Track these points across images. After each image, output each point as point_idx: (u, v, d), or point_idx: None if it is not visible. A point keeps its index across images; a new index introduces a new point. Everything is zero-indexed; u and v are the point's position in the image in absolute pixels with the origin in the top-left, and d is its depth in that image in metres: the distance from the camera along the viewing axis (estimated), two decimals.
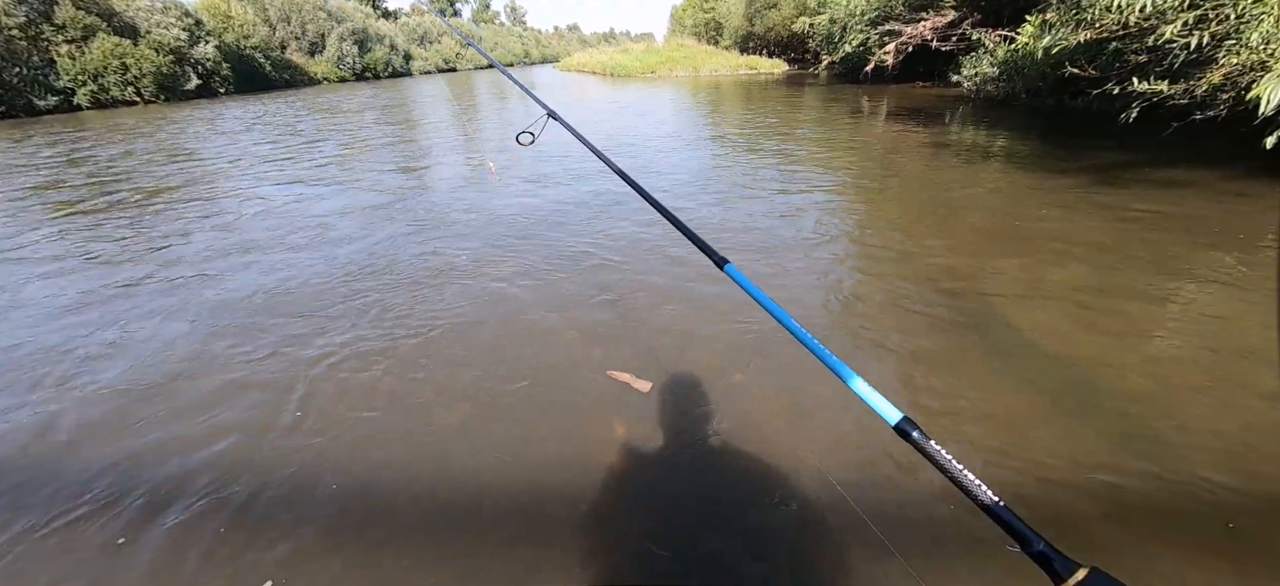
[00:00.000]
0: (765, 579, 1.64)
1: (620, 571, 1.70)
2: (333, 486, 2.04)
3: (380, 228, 5.05)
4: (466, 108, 17.15)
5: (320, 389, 2.63)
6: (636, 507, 1.91)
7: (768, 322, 3.02)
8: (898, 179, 6.02)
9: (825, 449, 2.10)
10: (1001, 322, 2.92)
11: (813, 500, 1.88)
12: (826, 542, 1.74)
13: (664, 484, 2.00)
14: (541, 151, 8.30)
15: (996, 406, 2.28)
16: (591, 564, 1.72)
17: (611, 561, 1.73)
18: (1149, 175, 5.34)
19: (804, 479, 1.97)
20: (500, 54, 62.79)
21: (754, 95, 16.66)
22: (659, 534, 1.79)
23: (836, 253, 4.03)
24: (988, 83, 12.07)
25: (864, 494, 1.88)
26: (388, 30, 45.44)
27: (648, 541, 1.76)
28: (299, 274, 4.03)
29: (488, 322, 3.20)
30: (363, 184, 6.99)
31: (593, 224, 4.85)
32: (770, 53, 32.69)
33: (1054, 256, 3.70)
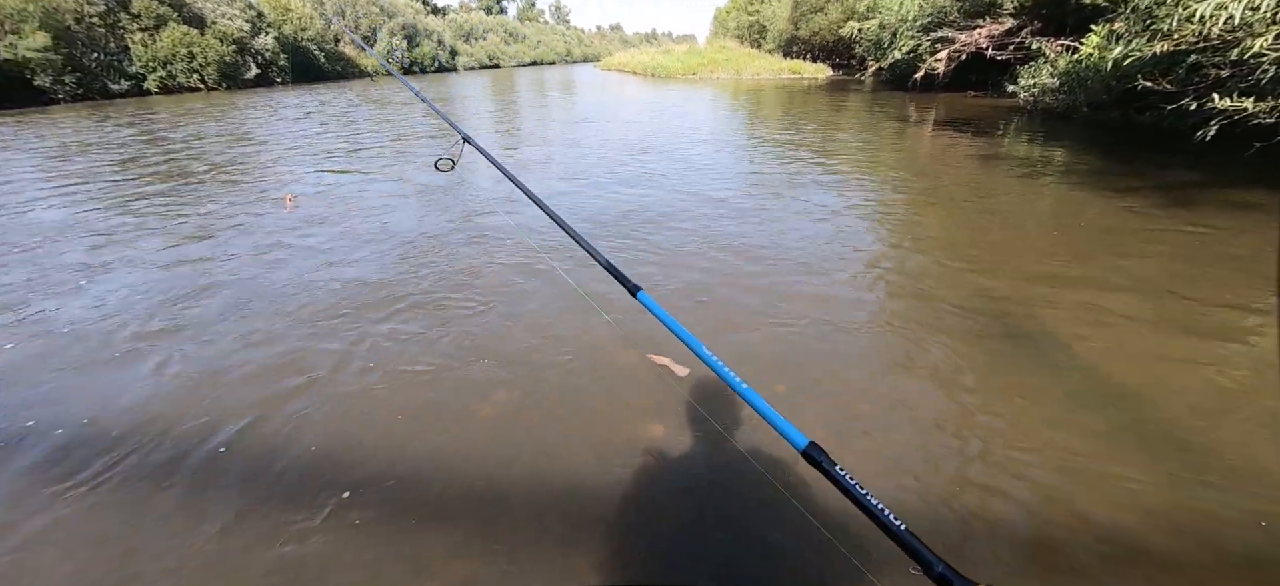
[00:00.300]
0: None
1: (651, 563, 1.66)
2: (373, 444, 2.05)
3: (428, 213, 5.31)
4: (506, 105, 17.39)
5: (374, 348, 2.66)
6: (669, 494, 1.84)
7: (810, 331, 2.90)
8: (944, 190, 5.76)
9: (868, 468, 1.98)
10: (1056, 350, 2.73)
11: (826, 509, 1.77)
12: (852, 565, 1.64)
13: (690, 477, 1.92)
14: (581, 145, 8.32)
15: (1049, 440, 2.12)
16: (622, 555, 1.68)
17: (640, 554, 1.68)
18: (1225, 197, 4.94)
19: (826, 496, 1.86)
20: (543, 51, 63.62)
21: (795, 100, 16.35)
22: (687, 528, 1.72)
23: (876, 267, 3.86)
24: (1046, 94, 11.49)
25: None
26: (436, 26, 46.58)
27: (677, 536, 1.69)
28: (357, 251, 4.30)
29: (533, 298, 3.19)
30: (411, 170, 7.23)
31: (629, 221, 4.81)
32: (814, 57, 32.06)
33: (1114, 280, 3.45)
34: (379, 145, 9.54)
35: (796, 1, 33.07)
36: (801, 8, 32.45)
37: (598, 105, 16.20)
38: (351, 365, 2.74)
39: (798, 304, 3.29)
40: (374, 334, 3.04)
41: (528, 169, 7.43)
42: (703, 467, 2.04)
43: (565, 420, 2.32)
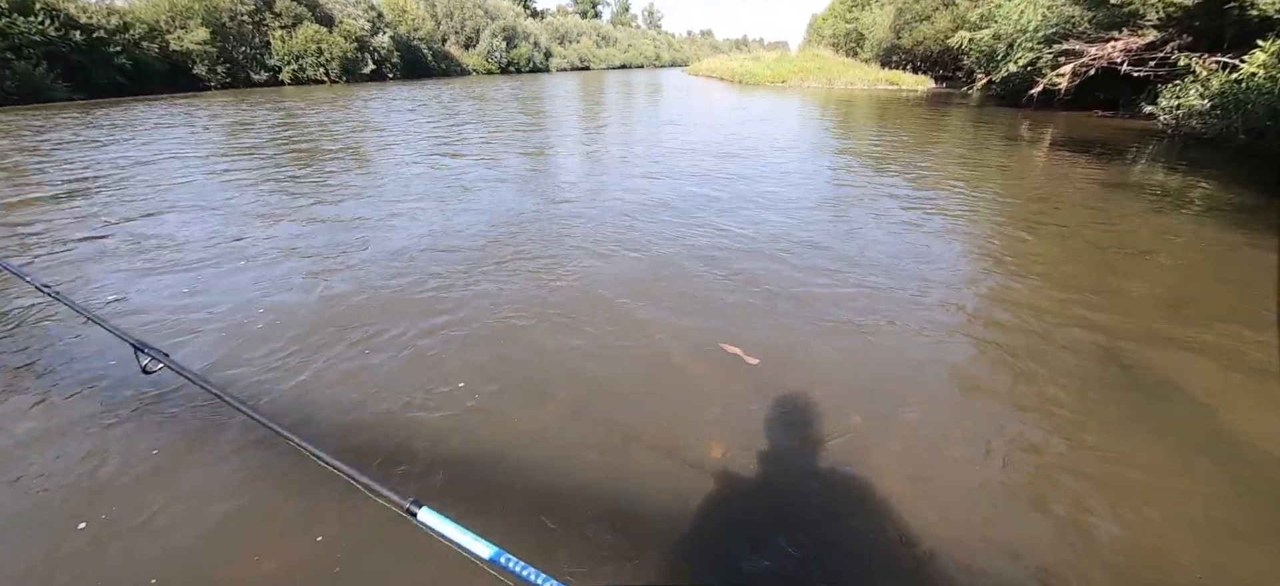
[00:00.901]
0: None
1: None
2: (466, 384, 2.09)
3: (518, 198, 5.90)
4: (593, 105, 17.74)
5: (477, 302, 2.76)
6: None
7: (888, 355, 2.64)
8: (1057, 220, 5.13)
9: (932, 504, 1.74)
10: (1176, 415, 2.30)
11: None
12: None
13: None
14: (662, 146, 8.30)
15: (1160, 520, 1.77)
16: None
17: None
18: None
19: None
20: (632, 55, 64.59)
21: (890, 112, 15.40)
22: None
23: (969, 302, 3.47)
24: (1193, 117, 10.08)
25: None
26: (534, 28, 48.61)
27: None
28: (454, 224, 5.07)
29: (602, 283, 3.17)
30: (505, 160, 7.67)
31: (701, 214, 4.68)
32: (916, 68, 30.19)
33: (1260, 333, 2.88)
34: (479, 136, 10.04)
35: (901, 9, 31.31)
36: (906, 15, 30.65)
37: (681, 109, 16.14)
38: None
39: (872, 326, 3.02)
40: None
41: (607, 167, 7.48)
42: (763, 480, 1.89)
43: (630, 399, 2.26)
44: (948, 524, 1.79)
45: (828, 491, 1.93)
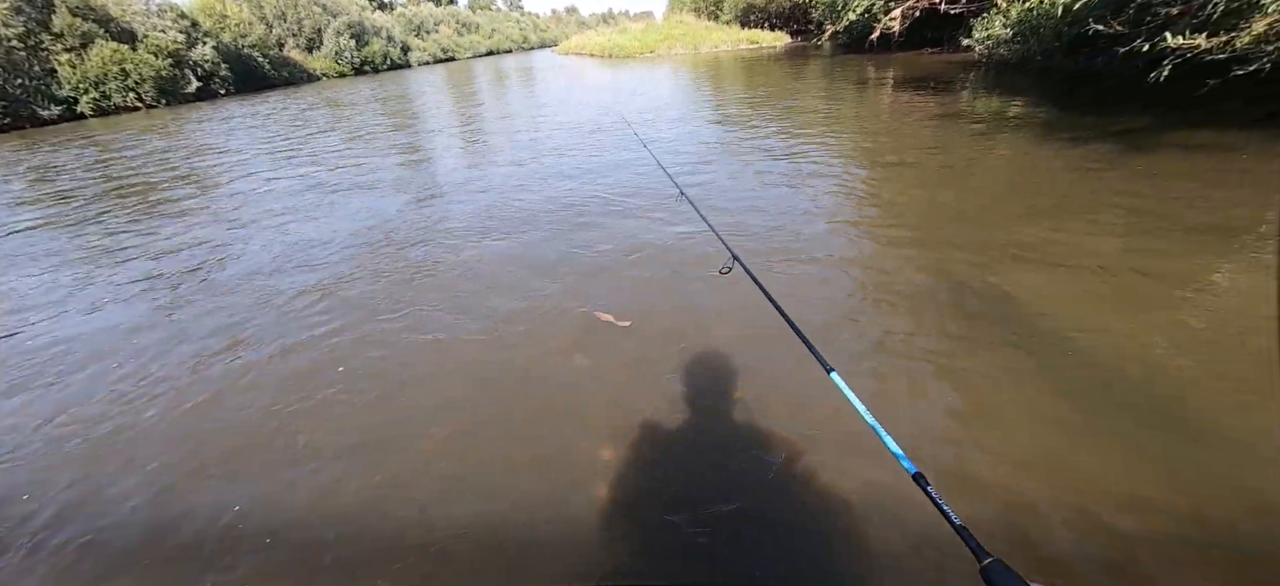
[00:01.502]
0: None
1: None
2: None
3: (384, 202, 5.21)
4: (464, 96, 16.83)
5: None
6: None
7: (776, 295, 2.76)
8: (908, 152, 5.66)
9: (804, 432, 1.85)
10: (1023, 312, 2.63)
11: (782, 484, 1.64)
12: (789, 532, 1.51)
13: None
14: (541, 128, 8.04)
15: (1020, 410, 2.02)
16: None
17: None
18: (1182, 140, 4.93)
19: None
20: (498, 40, 61.85)
21: (755, 70, 16.14)
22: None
23: (845, 239, 3.73)
24: (1001, 45, 11.50)
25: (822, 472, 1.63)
26: (384, 22, 44.92)
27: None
28: (318, 235, 4.64)
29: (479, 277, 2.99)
30: (369, 165, 7.01)
31: (573, 192, 4.60)
32: (772, 25, 31.82)
33: (1077, 233, 3.38)
34: (336, 143, 9.11)
35: None
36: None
37: (556, 90, 15.79)
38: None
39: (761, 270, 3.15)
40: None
41: (492, 159, 7.12)
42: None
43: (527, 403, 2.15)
44: (826, 440, 1.91)
45: (721, 459, 1.98)
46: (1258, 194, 3.68)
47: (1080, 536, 1.58)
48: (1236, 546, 1.51)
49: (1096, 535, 1.58)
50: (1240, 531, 1.55)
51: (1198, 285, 2.73)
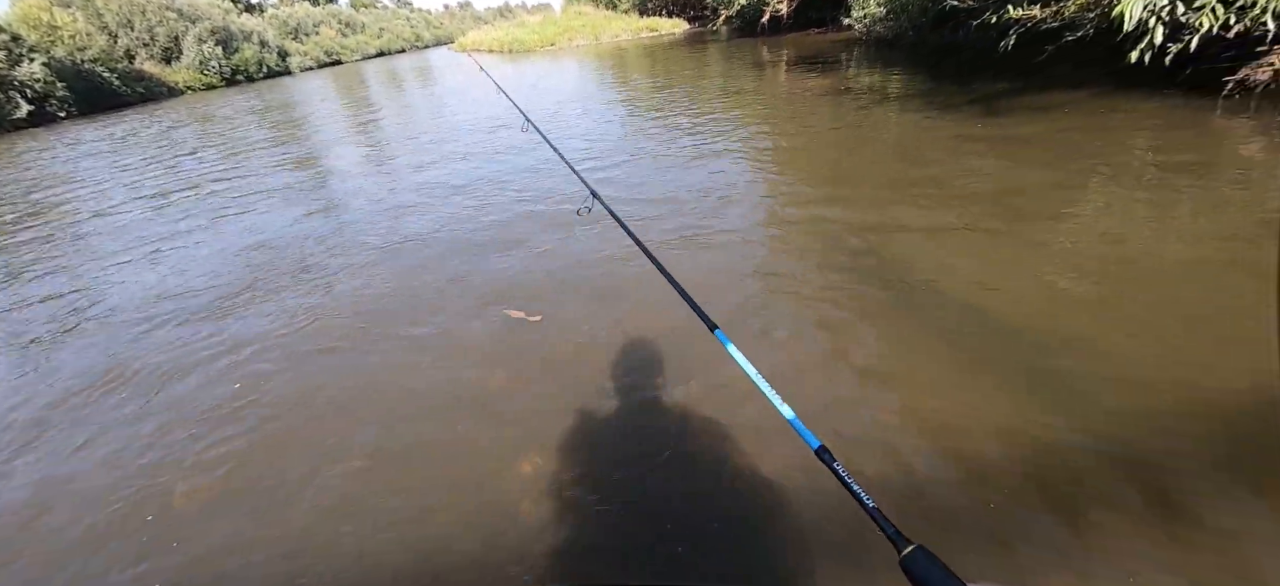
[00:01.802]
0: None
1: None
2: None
3: (269, 222, 4.51)
4: (355, 102, 15.75)
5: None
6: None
7: (685, 273, 2.83)
8: (803, 130, 6.00)
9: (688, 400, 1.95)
10: (912, 274, 2.89)
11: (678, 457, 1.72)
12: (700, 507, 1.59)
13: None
14: (446, 130, 7.70)
15: (907, 366, 2.22)
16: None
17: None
18: (1031, 101, 5.59)
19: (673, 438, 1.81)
20: (388, 40, 58.21)
21: (657, 57, 16.36)
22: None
23: (749, 212, 3.92)
24: (877, 23, 12.39)
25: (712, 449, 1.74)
26: (255, 25, 40.91)
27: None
28: (194, 264, 3.83)
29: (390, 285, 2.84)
30: (249, 186, 6.23)
31: (477, 191, 4.49)
32: (669, 12, 32.36)
33: (954, 193, 3.74)
34: (214, 165, 8.21)
35: None
36: None
37: (454, 88, 15.18)
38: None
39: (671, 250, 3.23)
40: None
41: (389, 167, 6.71)
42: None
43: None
44: (733, 401, 2.02)
45: (643, 453, 2.00)
46: (1090, 140, 4.24)
47: (963, 476, 1.77)
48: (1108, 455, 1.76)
49: (977, 470, 1.78)
50: (1116, 439, 1.80)
51: (1054, 228, 3.11)
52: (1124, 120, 4.65)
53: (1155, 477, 1.64)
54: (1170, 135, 4.23)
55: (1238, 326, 2.18)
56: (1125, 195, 3.39)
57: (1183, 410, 1.84)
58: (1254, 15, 4.10)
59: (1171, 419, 1.81)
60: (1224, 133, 4.17)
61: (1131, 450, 1.73)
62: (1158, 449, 1.72)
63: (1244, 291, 2.37)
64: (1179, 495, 1.58)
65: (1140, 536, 1.48)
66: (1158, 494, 1.59)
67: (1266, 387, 1.86)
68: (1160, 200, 3.27)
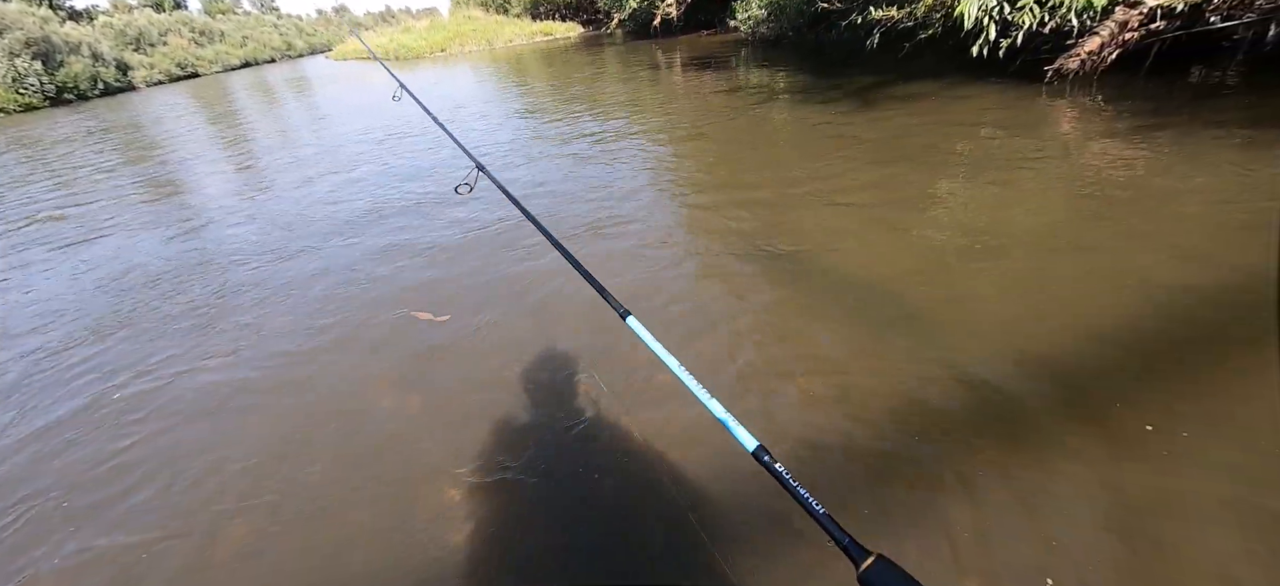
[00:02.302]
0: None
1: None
2: None
3: (138, 249, 3.92)
4: (220, 116, 14.16)
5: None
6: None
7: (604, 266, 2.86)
8: (700, 123, 6.25)
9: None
10: (812, 261, 3.12)
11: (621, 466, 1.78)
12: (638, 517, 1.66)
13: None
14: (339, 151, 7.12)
15: (816, 342, 2.41)
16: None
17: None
18: (897, 91, 6.23)
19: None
20: (254, 49, 52.78)
21: (555, 61, 16.26)
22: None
23: (652, 206, 4.02)
24: (760, 25, 13.17)
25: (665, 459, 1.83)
26: (83, 35, 35.47)
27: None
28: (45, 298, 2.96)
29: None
30: (101, 211, 5.39)
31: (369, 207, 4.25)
32: (562, 16, 32.25)
33: (839, 181, 4.08)
34: (46, 193, 7.00)
35: None
36: None
37: (334, 100, 14.11)
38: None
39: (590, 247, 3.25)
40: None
41: (269, 184, 6.10)
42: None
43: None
44: (680, 439, 2.09)
45: (579, 454, 1.99)
46: (947, 123, 4.81)
47: (856, 425, 1.95)
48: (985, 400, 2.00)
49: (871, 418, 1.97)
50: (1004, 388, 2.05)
51: (923, 204, 3.49)
52: (971, 105, 5.31)
53: (1014, 406, 1.90)
54: (1006, 114, 4.90)
55: (1078, 274, 2.57)
56: (977, 170, 3.88)
57: (1040, 348, 2.14)
58: (1062, 14, 4.85)
59: (1031, 357, 2.11)
60: (1047, 112, 4.89)
61: (1000, 385, 1.99)
62: (1018, 379, 2.00)
63: (1075, 246, 2.81)
64: (1036, 420, 1.84)
65: (1012, 458, 1.71)
66: (1020, 420, 1.85)
67: (1098, 326, 2.23)
68: (1006, 172, 3.77)
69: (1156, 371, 1.95)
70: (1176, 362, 1.99)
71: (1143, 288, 2.38)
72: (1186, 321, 2.17)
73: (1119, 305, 2.31)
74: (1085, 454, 1.68)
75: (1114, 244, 2.75)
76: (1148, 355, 2.04)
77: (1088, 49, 5.18)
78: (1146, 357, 2.02)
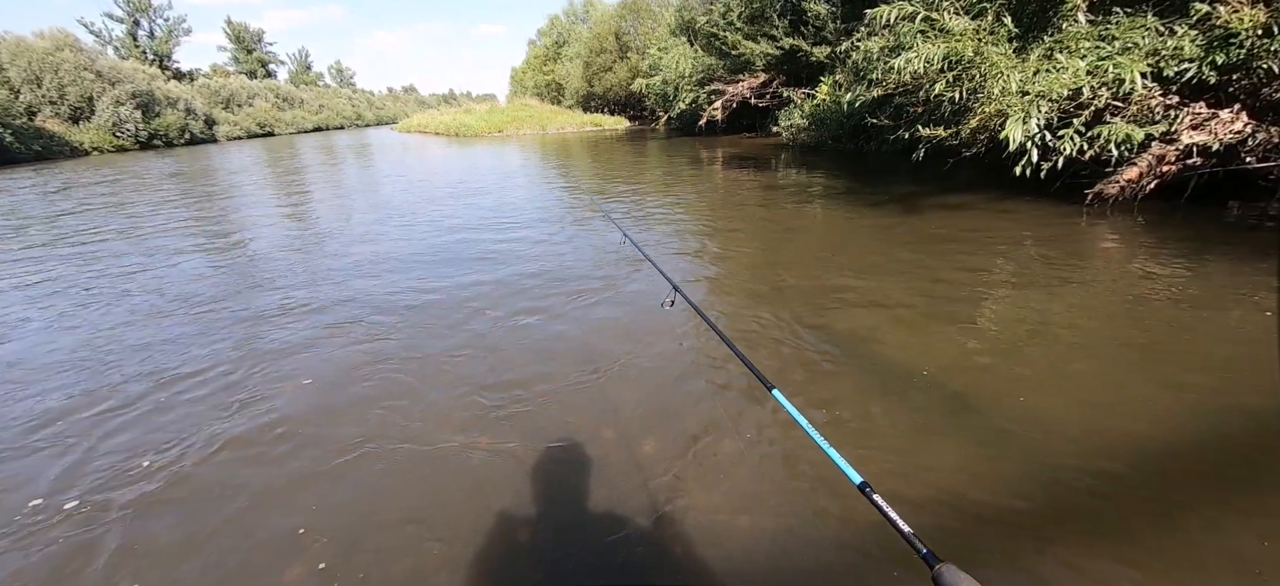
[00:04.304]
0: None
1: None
2: None
3: (216, 289, 4.20)
4: (287, 174, 15.32)
5: None
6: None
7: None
8: (743, 220, 6.53)
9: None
10: (858, 345, 3.20)
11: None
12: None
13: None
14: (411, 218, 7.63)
15: (867, 422, 2.46)
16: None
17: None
18: (940, 201, 6.46)
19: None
20: (327, 116, 57.63)
21: (601, 149, 17.30)
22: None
23: (701, 297, 4.17)
24: (801, 132, 13.91)
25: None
26: (182, 92, 39.49)
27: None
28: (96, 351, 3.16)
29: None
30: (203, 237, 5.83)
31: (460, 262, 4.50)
32: (611, 110, 34.52)
33: (883, 277, 4.21)
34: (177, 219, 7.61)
35: (587, 62, 35.43)
36: (593, 67, 34.84)
37: (397, 166, 15.16)
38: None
39: (625, 328, 3.38)
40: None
41: (321, 241, 6.54)
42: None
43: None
44: (702, 488, 2.14)
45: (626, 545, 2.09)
46: (990, 236, 4.95)
47: (947, 507, 1.97)
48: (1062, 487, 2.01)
49: (956, 504, 1.98)
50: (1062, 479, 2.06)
51: (968, 310, 3.57)
52: (1014, 220, 5.47)
53: (1066, 496, 1.90)
54: (1048, 231, 5.02)
55: (1121, 380, 2.59)
56: (1021, 281, 3.97)
57: (1085, 444, 2.15)
58: (1101, 144, 5.07)
59: (1078, 450, 2.12)
60: (1087, 232, 5.01)
61: (1052, 476, 2.00)
62: (1071, 472, 2.00)
63: (1117, 356, 2.83)
64: (1088, 508, 1.84)
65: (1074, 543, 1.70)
66: (1070, 510, 1.84)
67: (1151, 421, 2.23)
68: (1048, 286, 3.85)
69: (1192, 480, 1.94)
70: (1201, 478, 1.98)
71: (1181, 399, 2.39)
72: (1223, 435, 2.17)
73: (1167, 416, 2.31)
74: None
75: (1155, 361, 2.77)
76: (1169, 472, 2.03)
77: (1127, 177, 5.36)
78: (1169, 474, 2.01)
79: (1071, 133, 5.13)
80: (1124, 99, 5.09)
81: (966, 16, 5.69)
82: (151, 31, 47.19)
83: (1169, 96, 5.10)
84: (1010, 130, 5.01)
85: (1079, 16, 5.42)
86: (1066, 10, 5.37)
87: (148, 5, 46.08)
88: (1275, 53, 4.46)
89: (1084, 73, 5.01)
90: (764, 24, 16.25)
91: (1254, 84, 4.78)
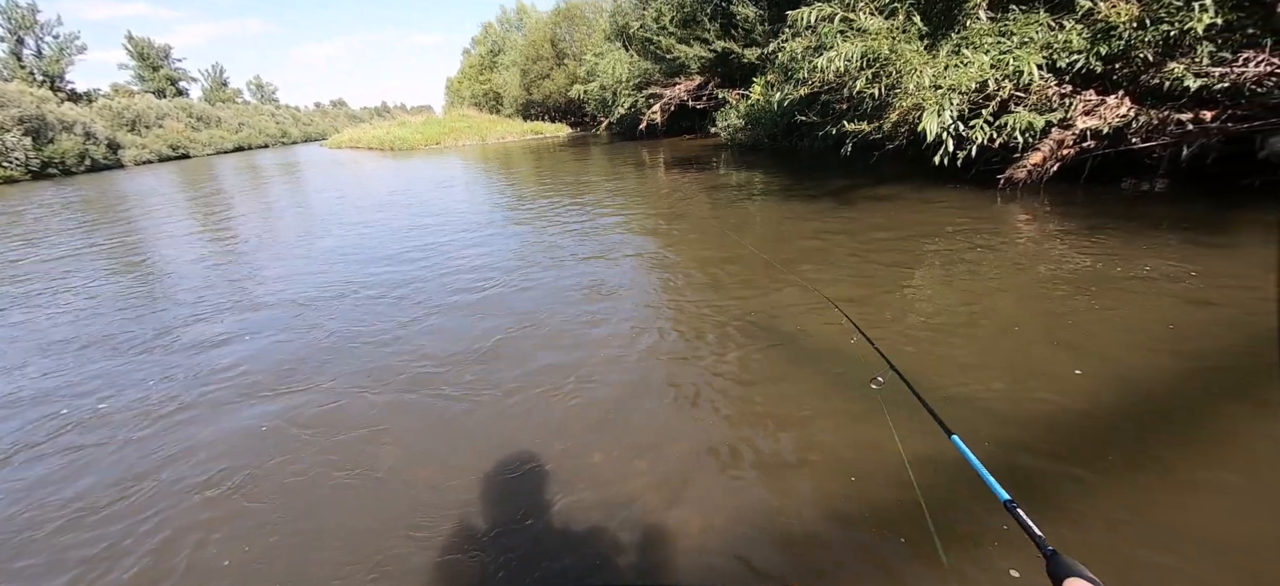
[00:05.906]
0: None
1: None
2: None
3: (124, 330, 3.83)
4: (200, 202, 14.29)
5: None
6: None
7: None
8: (688, 219, 6.62)
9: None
10: (798, 334, 3.30)
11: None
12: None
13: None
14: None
15: (804, 407, 2.53)
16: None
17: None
18: (869, 193, 6.77)
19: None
20: (248, 135, 54.12)
21: (544, 157, 17.13)
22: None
23: (651, 298, 4.19)
24: (738, 132, 14.26)
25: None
26: (79, 115, 36.14)
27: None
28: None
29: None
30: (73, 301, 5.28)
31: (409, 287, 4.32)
32: (552, 118, 34.30)
33: (823, 267, 4.36)
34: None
35: (525, 69, 35.07)
36: (530, 74, 34.51)
37: (340, 188, 14.45)
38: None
39: (589, 330, 3.36)
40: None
41: (267, 277, 6.13)
42: None
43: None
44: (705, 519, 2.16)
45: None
46: (917, 222, 5.22)
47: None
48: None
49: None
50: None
51: (904, 292, 3.75)
52: (936, 208, 5.80)
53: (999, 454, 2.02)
54: (969, 216, 5.35)
55: (1044, 344, 2.79)
56: (948, 261, 4.21)
57: (1016, 405, 2.30)
58: (1007, 132, 5.47)
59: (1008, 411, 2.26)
60: (1002, 213, 5.37)
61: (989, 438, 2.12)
62: (1000, 432, 2.14)
63: (1038, 324, 3.05)
64: (1020, 466, 1.97)
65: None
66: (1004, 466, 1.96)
67: (1070, 385, 2.41)
68: (972, 266, 4.10)
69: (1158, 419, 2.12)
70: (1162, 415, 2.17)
71: (1161, 343, 2.60)
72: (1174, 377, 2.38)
73: (1126, 362, 2.51)
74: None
75: (1079, 320, 3.00)
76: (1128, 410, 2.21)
77: (1032, 162, 5.79)
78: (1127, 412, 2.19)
79: (981, 122, 5.49)
80: (1025, 89, 5.50)
81: (881, 16, 5.99)
82: (39, 50, 43.05)
83: (1063, 86, 5.55)
84: (927, 122, 5.32)
85: (980, 14, 5.82)
86: (969, 8, 5.75)
87: (32, 22, 41.99)
88: (1149, 43, 4.94)
89: (989, 66, 5.38)
90: (696, 28, 16.56)
91: (1134, 71, 5.27)
